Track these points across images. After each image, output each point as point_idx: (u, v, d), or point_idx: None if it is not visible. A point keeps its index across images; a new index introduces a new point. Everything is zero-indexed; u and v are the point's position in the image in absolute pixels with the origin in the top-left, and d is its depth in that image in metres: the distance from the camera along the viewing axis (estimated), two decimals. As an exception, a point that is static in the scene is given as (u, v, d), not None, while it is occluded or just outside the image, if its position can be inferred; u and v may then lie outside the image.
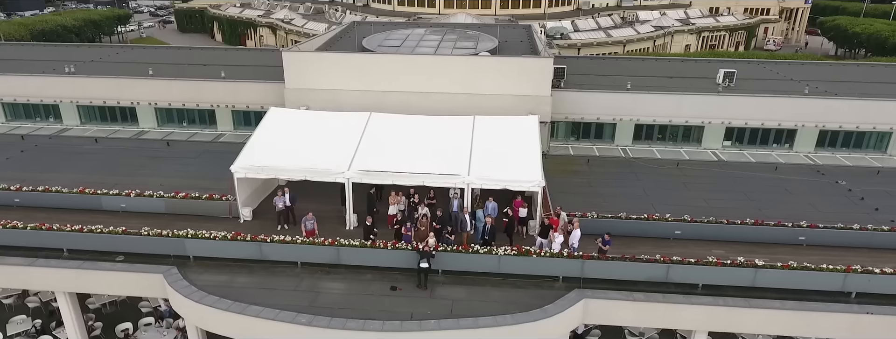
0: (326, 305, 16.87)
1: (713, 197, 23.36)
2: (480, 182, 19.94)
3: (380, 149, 21.27)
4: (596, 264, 17.79)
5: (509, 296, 17.37)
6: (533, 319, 16.17)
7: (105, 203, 21.91)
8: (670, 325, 18.04)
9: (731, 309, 16.87)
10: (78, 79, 30.77)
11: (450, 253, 18.14)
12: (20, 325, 21.72)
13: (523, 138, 21.79)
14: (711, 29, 79.99)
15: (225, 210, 21.51)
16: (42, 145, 28.60)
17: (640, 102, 28.13)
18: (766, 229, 20.03)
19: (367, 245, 18.50)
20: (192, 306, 16.95)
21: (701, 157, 27.95)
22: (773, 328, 17.51)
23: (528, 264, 17.99)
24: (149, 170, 25.55)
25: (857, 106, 27.36)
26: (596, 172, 26.15)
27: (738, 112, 27.84)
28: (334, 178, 20.37)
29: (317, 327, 15.78)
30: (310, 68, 26.85)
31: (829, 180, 25.32)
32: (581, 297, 17.04)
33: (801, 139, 28.21)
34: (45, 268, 18.60)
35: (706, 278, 17.69)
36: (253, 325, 16.31)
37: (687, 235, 20.24)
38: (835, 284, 17.42)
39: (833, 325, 16.87)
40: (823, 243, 19.86)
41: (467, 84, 26.13)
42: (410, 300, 17.17)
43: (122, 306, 23.69)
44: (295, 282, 18.06)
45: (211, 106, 30.30)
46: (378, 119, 23.06)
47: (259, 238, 18.70)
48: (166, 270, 18.19)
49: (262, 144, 21.68)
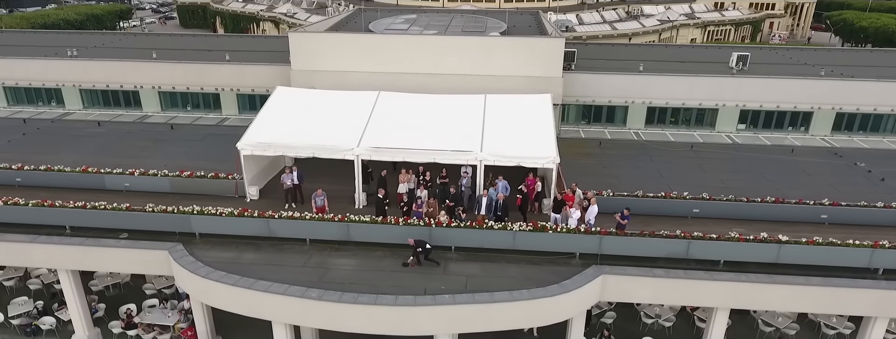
0: (336, 280, 16.35)
1: (730, 178, 22.80)
2: (493, 159, 19.42)
3: (390, 126, 20.77)
4: (614, 240, 17.27)
5: (525, 272, 16.84)
6: (550, 294, 15.66)
7: (108, 182, 21.43)
8: (691, 302, 17.52)
9: (754, 285, 16.31)
10: (80, 62, 30.33)
11: (463, 229, 17.63)
12: (21, 306, 21.22)
13: (536, 115, 21.29)
14: (717, 23, 79.57)
15: (231, 189, 21.01)
16: (44, 129, 28.13)
17: (652, 85, 27.61)
18: (787, 207, 19.50)
19: (377, 221, 18.00)
20: (199, 281, 16.44)
21: (715, 140, 27.41)
22: (799, 305, 17.00)
23: (543, 241, 17.46)
24: (152, 152, 25.07)
25: (874, 88, 26.83)
26: (608, 154, 25.62)
27: (752, 94, 27.31)
28: (343, 155, 19.88)
29: (327, 301, 15.24)
30: (317, 50, 26.36)
31: (848, 162, 24.77)
32: (599, 273, 16.51)
33: (818, 122, 27.68)
34: (47, 245, 18.11)
35: (728, 254, 17.16)
36: (261, 300, 15.79)
37: (705, 213, 19.71)
38: (861, 260, 16.88)
39: (860, 301, 16.34)
40: (846, 222, 19.33)
41: (477, 65, 25.60)
42: (423, 276, 16.65)
43: (126, 288, 23.19)
44: (303, 259, 17.55)
45: (215, 89, 29.82)
46: (387, 97, 22.56)
47: (267, 215, 18.21)
48: (171, 246, 17.70)
49: (269, 122, 21.20)
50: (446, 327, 15.67)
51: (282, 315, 16.13)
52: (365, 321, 15.48)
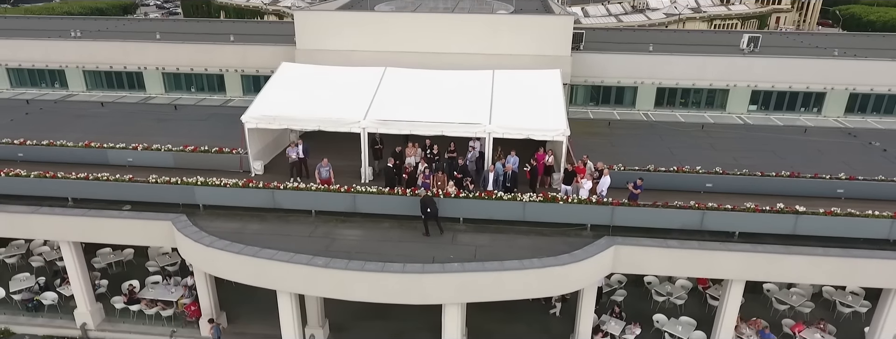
0: (343, 250, 16.00)
1: (742, 156, 22.35)
2: (502, 131, 19.06)
3: (397, 99, 20.44)
4: (626, 210, 16.89)
5: (536, 243, 16.47)
6: (561, 263, 15.27)
7: (111, 157, 21.14)
8: (705, 274, 17.13)
9: (771, 256, 15.89)
10: (84, 43, 30.09)
11: (472, 200, 17.28)
12: (23, 282, 20.95)
13: (546, 89, 20.94)
14: (723, 17, 78.97)
15: (236, 164, 20.70)
16: (47, 109, 27.85)
17: (662, 65, 27.21)
18: (802, 181, 19.08)
19: (383, 192, 17.64)
20: (202, 250, 16.11)
21: (726, 121, 26.97)
22: (816, 277, 16.56)
23: (554, 212, 17.09)
24: (155, 130, 24.73)
25: (889, 68, 26.34)
26: (618, 133, 25.20)
27: (764, 74, 26.88)
28: (349, 127, 19.55)
29: (334, 269, 14.90)
30: (322, 28, 26.04)
31: (862, 141, 24.31)
32: (611, 244, 16.12)
33: (830, 103, 27.23)
34: (49, 216, 17.81)
35: (743, 225, 16.77)
36: (267, 269, 15.44)
37: (719, 188, 19.28)
38: (881, 231, 16.49)
39: (880, 273, 15.89)
40: (863, 197, 18.87)
41: (485, 44, 25.22)
42: (432, 246, 16.30)
43: (129, 266, 22.91)
44: (309, 230, 17.22)
45: (220, 70, 29.53)
46: (394, 72, 22.22)
47: (272, 186, 17.88)
48: (175, 217, 17.38)
49: (275, 96, 20.89)
50: (455, 295, 15.31)
51: (287, 284, 15.79)
52: (372, 290, 15.12)
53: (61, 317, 20.20)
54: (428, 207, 16.52)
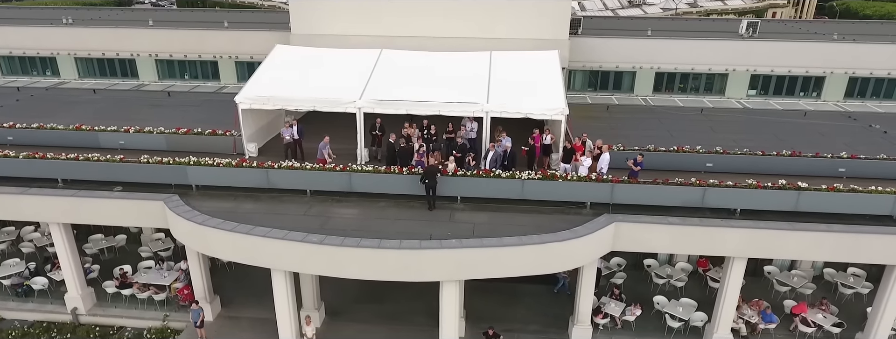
0: (338, 228, 15.67)
1: (742, 138, 22.11)
2: (500, 110, 18.75)
3: (393, 80, 20.11)
4: (627, 188, 16.61)
5: (535, 221, 16.17)
6: (561, 239, 15.00)
7: (103, 140, 20.72)
8: (707, 251, 16.86)
9: (773, 232, 15.63)
10: (76, 29, 29.72)
11: (469, 178, 16.98)
12: (13, 267, 20.58)
13: (544, 69, 20.65)
14: (719, 12, 78.86)
15: (229, 146, 20.34)
16: (38, 96, 27.47)
17: (660, 49, 27.00)
18: (803, 160, 18.85)
19: (380, 171, 17.34)
20: (195, 229, 15.77)
21: (725, 106, 26.76)
22: (819, 254, 16.34)
23: (553, 189, 16.80)
24: (148, 115, 24.34)
25: (889, 51, 26.16)
26: (617, 117, 24.94)
27: (763, 58, 26.68)
28: (345, 107, 19.20)
29: (329, 246, 14.59)
30: (317, 13, 25.73)
31: (862, 124, 24.12)
32: (611, 221, 15.85)
33: (830, 88, 27.05)
34: (38, 197, 17.44)
35: (745, 202, 16.52)
36: (260, 247, 15.12)
37: (719, 168, 18.97)
38: (884, 208, 16.25)
39: (884, 249, 15.65)
40: (865, 175, 18.62)
41: (482, 27, 24.96)
42: (429, 223, 16.01)
43: (121, 252, 22.57)
44: (304, 209, 16.90)
45: (213, 57, 29.18)
46: (390, 54, 21.91)
47: (266, 165, 17.57)
48: (167, 197, 17.04)
49: (269, 77, 20.53)
50: (452, 272, 15.02)
51: (281, 262, 15.46)
52: (368, 267, 14.83)
53: (52, 302, 19.86)
54: (427, 178, 16.22)
